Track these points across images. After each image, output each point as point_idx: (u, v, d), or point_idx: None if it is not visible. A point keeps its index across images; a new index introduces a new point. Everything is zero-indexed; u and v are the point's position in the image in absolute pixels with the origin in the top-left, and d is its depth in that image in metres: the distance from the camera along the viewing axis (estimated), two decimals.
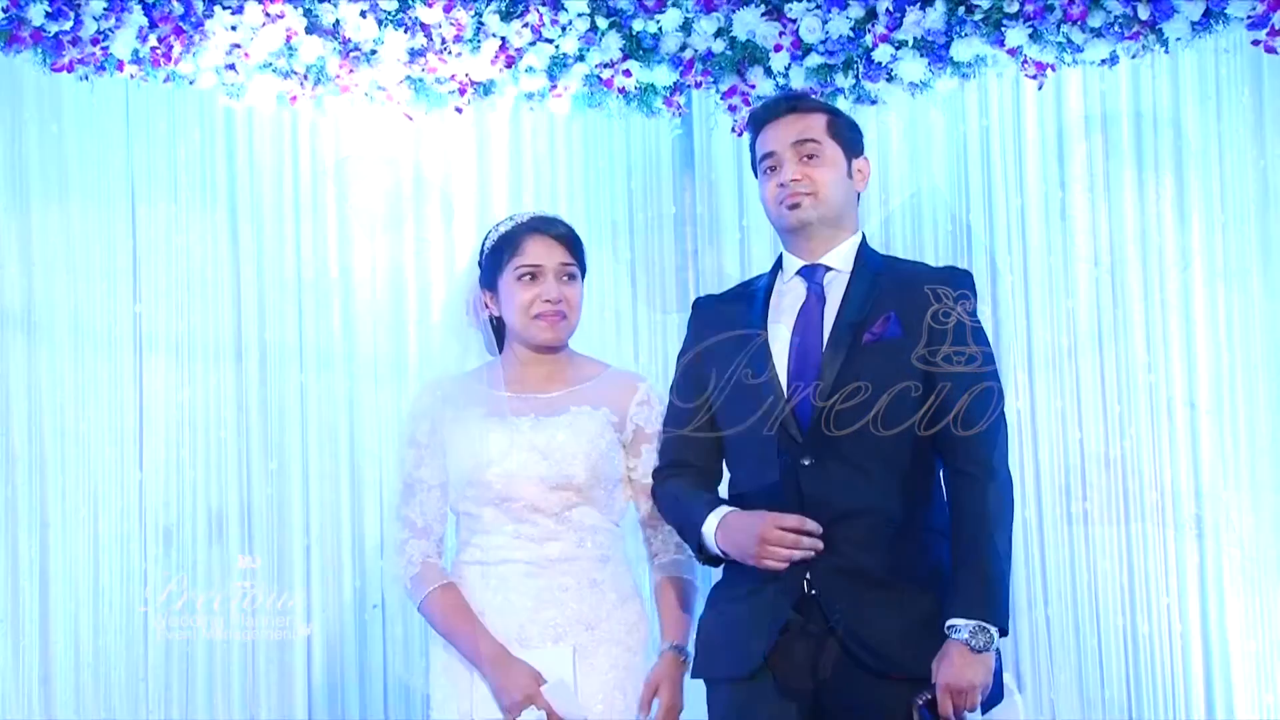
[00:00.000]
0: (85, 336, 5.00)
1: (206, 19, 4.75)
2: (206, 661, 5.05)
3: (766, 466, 3.20)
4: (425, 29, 4.92)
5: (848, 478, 3.14)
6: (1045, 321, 5.14)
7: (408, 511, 3.50)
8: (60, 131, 5.00)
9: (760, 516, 3.13)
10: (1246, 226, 4.91)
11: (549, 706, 3.25)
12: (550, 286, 3.45)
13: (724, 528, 3.17)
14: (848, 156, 3.31)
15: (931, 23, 4.79)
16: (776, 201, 3.29)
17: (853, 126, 3.37)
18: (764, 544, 3.09)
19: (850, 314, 3.22)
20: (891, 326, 3.18)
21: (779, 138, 3.30)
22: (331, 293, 5.26)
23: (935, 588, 3.13)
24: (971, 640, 3.03)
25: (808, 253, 3.31)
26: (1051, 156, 5.17)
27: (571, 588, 3.37)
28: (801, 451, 3.16)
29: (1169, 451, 5.00)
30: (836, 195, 3.28)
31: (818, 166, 3.27)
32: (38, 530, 4.90)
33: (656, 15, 4.96)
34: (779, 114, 3.33)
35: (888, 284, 3.25)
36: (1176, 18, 4.59)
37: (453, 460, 3.45)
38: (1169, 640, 4.97)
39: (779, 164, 3.28)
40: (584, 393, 3.48)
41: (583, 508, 3.40)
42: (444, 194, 5.37)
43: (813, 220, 3.26)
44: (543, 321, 3.46)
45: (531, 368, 3.51)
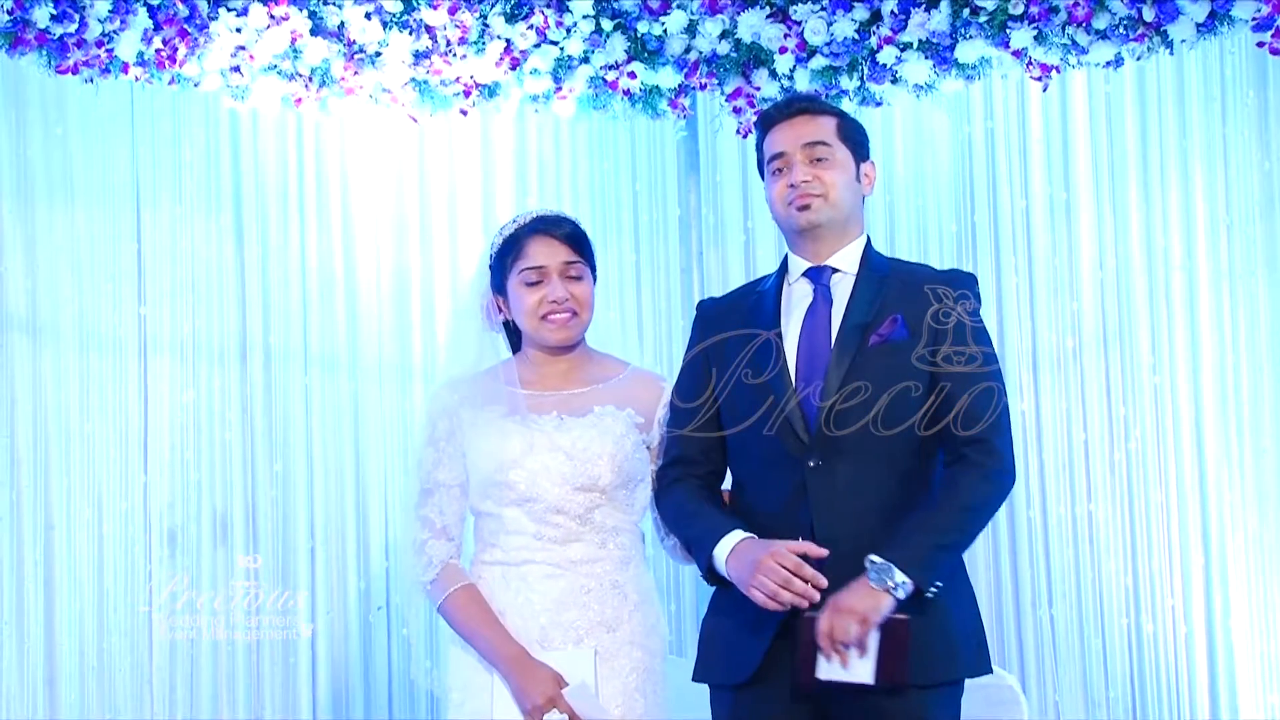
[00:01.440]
0: (90, 338, 5.01)
1: (211, 21, 4.75)
2: (211, 662, 5.05)
3: (772, 467, 3.19)
4: (430, 31, 4.91)
5: (854, 479, 3.13)
6: (1050, 322, 5.14)
7: (427, 512, 3.46)
8: (65, 134, 5.01)
9: (765, 547, 3.09)
10: (1251, 228, 4.91)
11: (570, 710, 3.23)
12: (555, 287, 3.43)
13: (735, 555, 3.14)
14: (856, 160, 3.31)
15: (936, 24, 4.78)
16: (785, 202, 3.28)
17: (861, 130, 3.36)
18: (757, 574, 3.06)
19: (857, 316, 3.21)
20: (899, 329, 3.18)
21: (789, 139, 3.28)
22: (336, 295, 5.27)
23: (942, 594, 3.13)
24: (874, 576, 3.01)
25: (814, 254, 3.30)
26: (1056, 158, 5.18)
27: (594, 589, 3.35)
28: (808, 452, 3.15)
29: (1174, 452, 5.00)
30: (845, 198, 3.27)
31: (828, 169, 3.26)
32: (43, 532, 4.91)
33: (661, 17, 4.95)
34: (789, 115, 3.32)
35: (894, 286, 3.24)
36: (1181, 20, 4.59)
37: (473, 460, 3.42)
38: (1174, 641, 4.97)
39: (789, 165, 3.27)
40: (607, 392, 3.45)
41: (605, 509, 3.37)
42: (449, 196, 5.38)
43: (822, 222, 3.26)
44: (551, 323, 3.44)
45: (549, 365, 3.49)
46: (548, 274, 3.44)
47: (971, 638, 3.19)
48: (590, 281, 3.50)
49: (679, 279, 5.42)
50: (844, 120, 3.33)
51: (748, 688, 3.17)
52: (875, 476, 3.14)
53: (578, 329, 3.47)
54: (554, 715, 3.22)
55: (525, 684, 3.26)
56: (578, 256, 3.47)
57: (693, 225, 5.41)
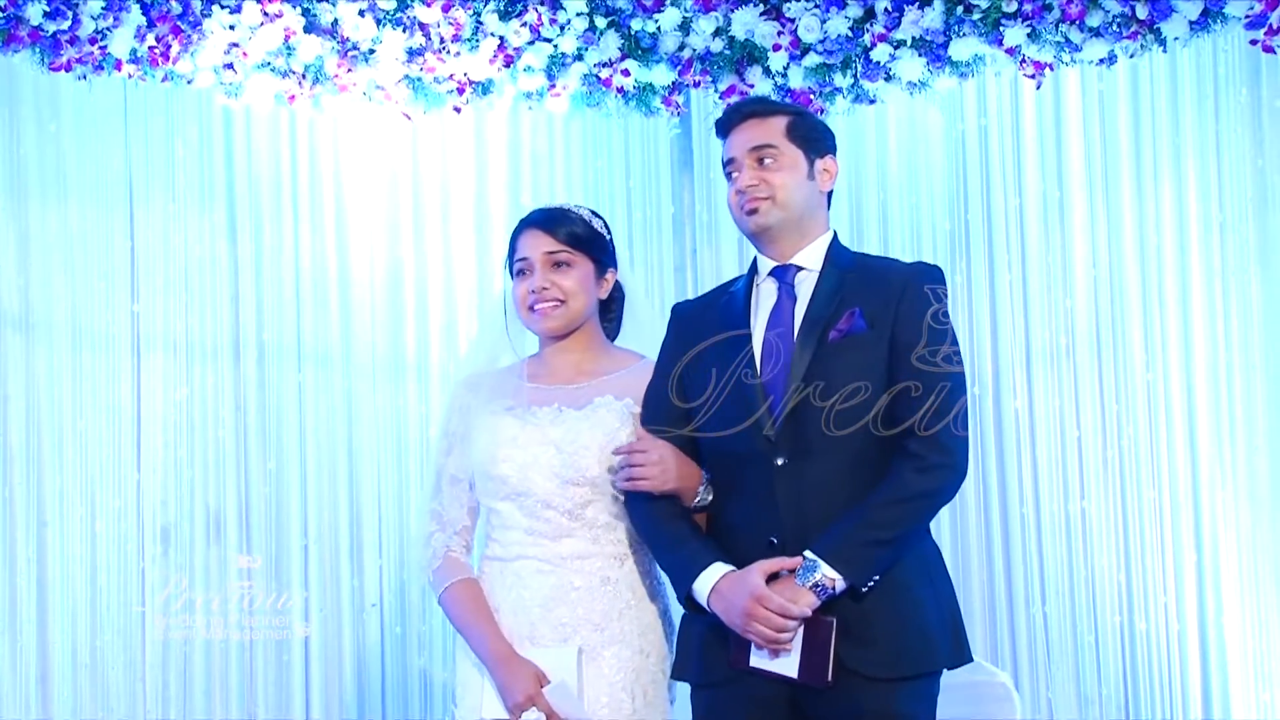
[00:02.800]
0: (83, 336, 5.01)
1: (204, 18, 4.75)
2: (204, 660, 5.05)
3: (743, 467, 3.19)
4: (423, 28, 4.92)
5: (821, 477, 3.13)
6: (1043, 320, 5.14)
7: (434, 504, 3.48)
8: (58, 131, 5.00)
9: (747, 591, 3.08)
10: (1244, 226, 4.91)
11: (549, 708, 3.24)
12: (537, 277, 3.43)
13: (717, 594, 3.14)
14: (809, 158, 3.30)
15: (930, 22, 4.79)
16: (737, 207, 3.31)
17: (816, 128, 3.35)
18: (752, 622, 3.07)
19: (816, 311, 3.22)
20: (856, 322, 3.18)
21: (737, 144, 3.31)
22: (329, 292, 5.27)
23: (913, 586, 3.13)
24: (801, 573, 3.04)
25: (778, 254, 3.31)
26: (1050, 156, 5.18)
27: (583, 586, 3.33)
28: (775, 451, 3.15)
29: (1166, 450, 5.01)
30: (796, 198, 3.27)
31: (775, 171, 3.26)
32: (35, 529, 4.90)
33: (655, 15, 4.95)
34: (739, 120, 3.34)
35: (854, 281, 3.24)
36: (1175, 17, 4.59)
37: (472, 454, 3.43)
38: (1166, 638, 4.98)
39: (738, 170, 3.30)
40: (610, 383, 3.43)
41: (599, 504, 3.35)
42: (442, 193, 5.38)
43: (772, 224, 3.27)
44: (536, 313, 3.44)
45: (558, 358, 3.48)
46: (532, 265, 3.44)
47: (947, 629, 3.18)
48: (582, 271, 3.45)
49: (672, 276, 5.42)
50: (797, 119, 3.32)
51: (723, 686, 3.18)
52: (843, 475, 3.13)
53: (562, 318, 3.44)
54: (532, 713, 3.22)
55: (507, 681, 3.27)
56: (562, 246, 3.44)
57: (686, 223, 5.41)
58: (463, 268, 5.33)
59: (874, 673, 3.08)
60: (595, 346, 3.50)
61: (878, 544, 3.07)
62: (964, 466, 3.17)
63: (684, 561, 3.20)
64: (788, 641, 3.06)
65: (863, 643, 3.08)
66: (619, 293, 3.58)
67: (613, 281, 3.52)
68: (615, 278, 3.53)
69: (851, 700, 3.07)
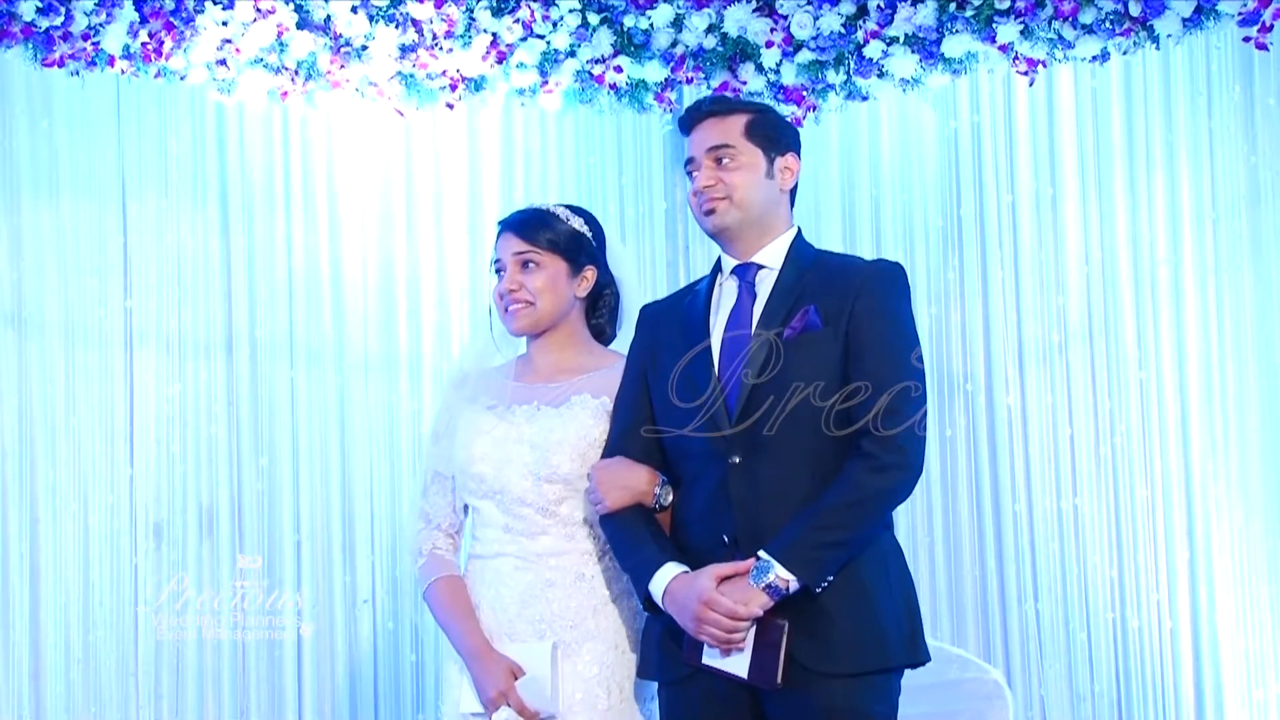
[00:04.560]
0: (75, 332, 5.01)
1: (197, 14, 4.75)
2: (197, 657, 5.05)
3: (700, 464, 3.19)
4: (416, 24, 4.91)
5: (776, 475, 3.12)
6: (1036, 317, 5.15)
7: (423, 502, 3.50)
8: (51, 127, 5.01)
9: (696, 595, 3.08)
10: (1237, 222, 4.92)
11: (520, 704, 3.25)
12: (506, 278, 3.45)
13: (670, 596, 3.15)
14: (769, 156, 3.29)
15: (923, 19, 4.78)
16: (696, 208, 3.31)
17: (777, 126, 3.34)
18: (704, 626, 3.08)
19: (773, 309, 3.22)
20: (811, 319, 3.17)
21: (696, 144, 3.30)
22: (322, 288, 5.27)
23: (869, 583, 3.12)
24: (753, 573, 3.04)
25: (739, 253, 3.30)
26: (1043, 152, 5.19)
27: (557, 583, 3.34)
28: (730, 449, 3.15)
29: (1159, 447, 5.01)
30: (753, 197, 3.26)
31: (731, 170, 3.26)
32: (28, 525, 4.91)
33: (648, 11, 4.95)
34: (698, 120, 3.33)
35: (813, 278, 3.23)
36: (1167, 14, 4.59)
37: (454, 450, 3.45)
38: (1159, 635, 4.98)
39: (697, 169, 3.30)
40: (588, 381, 3.43)
41: (573, 501, 3.36)
42: (435, 190, 5.38)
43: (729, 224, 3.26)
44: (508, 314, 3.46)
45: (541, 357, 3.49)
46: (504, 266, 3.46)
47: (904, 626, 3.16)
48: (551, 271, 3.43)
49: (665, 272, 5.41)
50: (756, 118, 3.31)
51: (683, 684, 3.18)
52: (797, 473, 3.12)
53: (530, 318, 3.44)
54: (504, 711, 3.23)
55: (482, 676, 3.29)
56: (529, 247, 3.44)
57: (679, 219, 5.41)
58: (455, 264, 5.33)
59: (827, 669, 3.07)
60: (576, 345, 3.50)
61: (832, 545, 3.06)
62: (918, 466, 3.15)
63: (641, 564, 3.21)
64: (740, 641, 3.07)
65: (817, 639, 3.07)
66: (609, 290, 3.57)
67: (593, 279, 3.49)
68: (595, 275, 3.50)
69: (808, 696, 3.08)
